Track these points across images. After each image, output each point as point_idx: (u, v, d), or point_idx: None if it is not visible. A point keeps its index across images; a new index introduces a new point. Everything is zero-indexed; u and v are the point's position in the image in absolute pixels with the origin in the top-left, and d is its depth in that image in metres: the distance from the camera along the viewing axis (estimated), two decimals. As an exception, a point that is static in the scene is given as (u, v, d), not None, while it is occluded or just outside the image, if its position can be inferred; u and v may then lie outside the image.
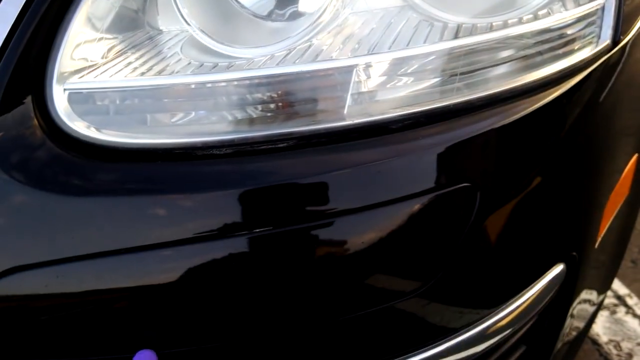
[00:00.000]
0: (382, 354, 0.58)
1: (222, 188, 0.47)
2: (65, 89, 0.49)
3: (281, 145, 0.49)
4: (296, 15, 0.58)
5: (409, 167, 0.49)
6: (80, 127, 0.48)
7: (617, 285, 1.39)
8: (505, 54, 0.57)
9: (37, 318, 0.47)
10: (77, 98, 0.49)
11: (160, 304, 0.47)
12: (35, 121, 0.48)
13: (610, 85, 0.63)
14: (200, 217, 0.46)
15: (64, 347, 0.48)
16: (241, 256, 0.47)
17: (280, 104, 0.50)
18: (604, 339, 1.24)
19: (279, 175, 0.48)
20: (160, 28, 0.57)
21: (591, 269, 0.74)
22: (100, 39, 0.54)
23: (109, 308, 0.47)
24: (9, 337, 0.48)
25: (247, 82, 0.49)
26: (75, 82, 0.49)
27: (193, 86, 0.51)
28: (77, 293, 0.46)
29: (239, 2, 0.58)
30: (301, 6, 0.58)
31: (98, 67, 0.52)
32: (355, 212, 0.48)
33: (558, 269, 0.63)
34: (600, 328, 1.26)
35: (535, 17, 0.56)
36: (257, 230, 0.46)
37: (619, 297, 1.35)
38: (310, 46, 0.53)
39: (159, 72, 0.52)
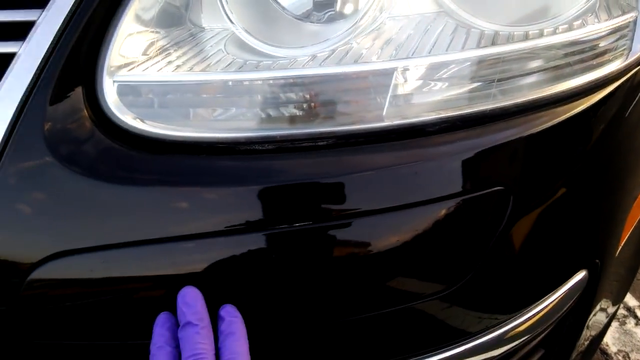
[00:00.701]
0: (401, 352, 0.59)
1: (264, 183, 0.48)
2: (114, 82, 0.50)
3: (321, 143, 0.51)
4: (333, 18, 0.59)
5: (445, 169, 0.50)
6: (128, 118, 0.50)
7: (627, 297, 1.40)
8: (538, 63, 0.58)
9: (81, 302, 0.48)
10: (125, 90, 0.51)
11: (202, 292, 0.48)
12: (85, 112, 0.49)
13: (637, 98, 0.64)
14: (242, 210, 0.48)
15: (105, 331, 0.50)
16: (280, 249, 0.48)
17: (320, 103, 0.51)
18: (613, 349, 1.25)
19: (319, 172, 0.49)
20: (203, 26, 0.59)
21: (610, 278, 0.75)
22: (146, 34, 0.55)
23: (152, 294, 0.48)
24: (53, 319, 0.49)
25: (292, 81, 0.51)
26: (124, 75, 0.51)
27: (231, 83, 0.53)
28: (121, 278, 0.48)
29: (279, 3, 0.59)
30: (338, 10, 0.59)
31: (144, 62, 0.54)
32: (392, 210, 0.49)
33: (581, 275, 0.64)
34: (610, 339, 1.27)
35: (570, 28, 0.57)
36: (297, 224, 0.48)
37: (629, 309, 1.36)
38: (350, 49, 0.54)
39: (202, 69, 0.54)
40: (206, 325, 0.46)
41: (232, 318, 0.48)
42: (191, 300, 0.46)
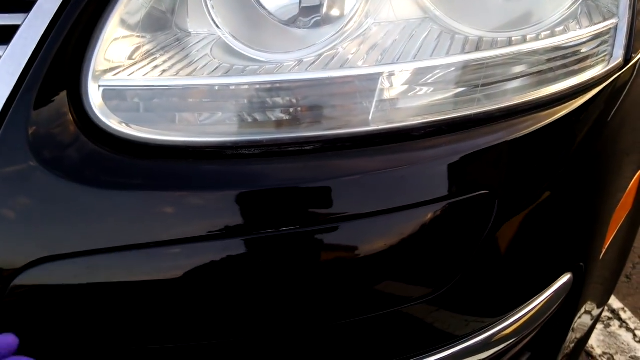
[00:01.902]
0: (388, 356, 0.59)
1: (250, 187, 0.48)
2: (100, 86, 0.50)
3: (308, 147, 0.51)
4: (319, 23, 0.59)
5: (431, 173, 0.51)
6: (113, 123, 0.49)
7: (611, 300, 1.42)
8: (522, 68, 0.59)
9: (65, 308, 0.48)
10: (110, 95, 0.51)
11: (186, 298, 0.48)
12: (70, 116, 0.49)
13: (619, 103, 0.65)
14: (228, 214, 0.48)
15: (90, 337, 0.49)
16: (267, 253, 0.48)
17: (307, 108, 0.52)
18: (598, 351, 1.26)
19: (306, 176, 0.49)
20: (189, 30, 0.59)
21: (594, 281, 0.76)
22: (132, 39, 0.55)
23: (137, 300, 0.48)
24: (37, 326, 0.48)
25: (278, 86, 0.51)
26: (110, 80, 0.50)
27: (217, 88, 0.53)
28: (106, 284, 0.47)
29: (265, 9, 0.59)
30: (324, 15, 0.59)
31: (129, 67, 0.54)
32: (379, 214, 0.49)
33: (565, 278, 0.65)
34: (595, 341, 1.28)
35: (553, 34, 0.58)
36: (284, 229, 0.48)
37: (613, 311, 1.38)
38: (336, 54, 0.55)
39: (188, 74, 0.53)
40: None
41: None
42: None
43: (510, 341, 0.67)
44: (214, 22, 0.55)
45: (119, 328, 0.49)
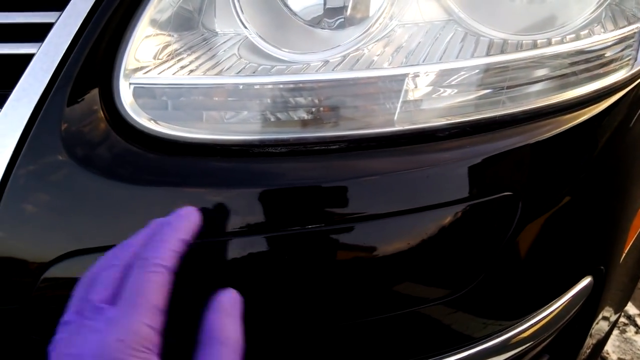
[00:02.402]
0: (406, 356, 0.60)
1: (277, 185, 0.49)
2: (130, 84, 0.51)
3: (333, 147, 0.51)
4: (344, 24, 0.60)
5: (455, 174, 0.51)
6: (144, 120, 0.50)
7: (628, 306, 1.41)
8: (545, 71, 0.59)
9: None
10: (140, 93, 0.51)
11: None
12: (101, 113, 0.50)
13: (641, 108, 0.65)
14: (254, 211, 0.48)
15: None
16: (292, 251, 0.49)
17: (333, 108, 0.52)
18: (613, 357, 1.25)
19: (331, 175, 0.50)
20: (216, 30, 0.59)
21: (613, 286, 0.75)
22: (160, 38, 0.56)
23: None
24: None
25: (304, 86, 0.51)
26: (140, 78, 0.51)
27: (241, 87, 0.54)
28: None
29: (290, 9, 0.60)
30: (349, 16, 0.60)
31: (158, 66, 0.55)
32: (403, 214, 0.50)
33: (586, 281, 0.64)
34: (610, 346, 1.28)
35: (577, 37, 0.58)
36: (310, 226, 0.48)
37: (629, 317, 1.37)
38: (362, 55, 0.55)
39: (216, 73, 0.54)
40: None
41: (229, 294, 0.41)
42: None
43: (529, 344, 0.67)
44: (242, 22, 0.56)
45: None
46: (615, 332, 1.32)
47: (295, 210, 0.48)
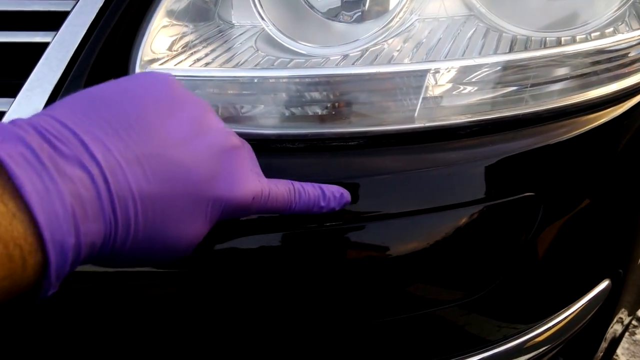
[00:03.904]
0: (419, 358, 0.59)
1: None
2: (146, 75, 0.50)
3: (352, 143, 0.50)
4: (362, 18, 0.59)
5: (476, 173, 0.50)
6: (159, 112, 0.49)
7: (637, 309, 1.39)
8: (567, 70, 0.57)
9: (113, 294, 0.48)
10: (156, 84, 0.50)
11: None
12: (116, 104, 0.49)
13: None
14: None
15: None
16: (311, 248, 0.48)
17: (352, 103, 0.51)
18: (622, 359, 1.24)
19: (349, 172, 0.49)
20: (233, 22, 0.58)
21: (630, 289, 0.74)
22: (176, 28, 0.55)
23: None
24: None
25: (324, 80, 0.50)
26: (156, 69, 0.50)
27: (256, 80, 0.53)
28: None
29: (308, 2, 0.59)
30: (367, 10, 0.59)
31: (174, 57, 0.54)
32: (422, 213, 0.49)
33: (604, 284, 0.63)
34: (620, 348, 1.27)
35: (602, 35, 0.57)
36: (327, 224, 0.47)
37: (639, 319, 1.36)
38: (382, 50, 0.54)
39: (234, 66, 0.53)
40: None
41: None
42: None
43: (545, 347, 0.66)
44: (259, 14, 0.55)
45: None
46: (625, 334, 1.30)
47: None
